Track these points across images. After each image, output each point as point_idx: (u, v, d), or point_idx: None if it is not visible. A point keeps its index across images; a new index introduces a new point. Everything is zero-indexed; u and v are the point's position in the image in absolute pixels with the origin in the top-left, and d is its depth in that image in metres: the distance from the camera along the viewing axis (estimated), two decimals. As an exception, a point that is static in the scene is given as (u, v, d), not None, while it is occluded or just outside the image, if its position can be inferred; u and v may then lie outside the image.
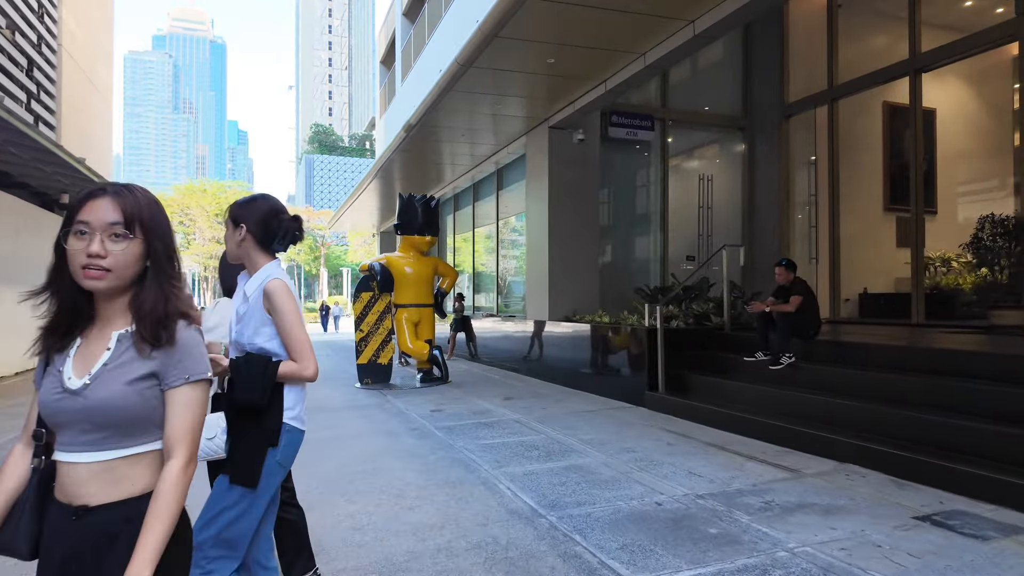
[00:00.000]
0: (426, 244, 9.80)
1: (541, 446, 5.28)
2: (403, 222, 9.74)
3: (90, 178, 12.27)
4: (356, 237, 57.43)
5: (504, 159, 12.23)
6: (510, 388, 8.86)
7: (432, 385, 9.41)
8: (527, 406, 7.28)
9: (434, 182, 15.70)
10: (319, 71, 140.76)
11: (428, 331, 9.87)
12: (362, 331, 9.55)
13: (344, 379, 10.44)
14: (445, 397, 8.20)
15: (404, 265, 9.71)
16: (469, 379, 10.07)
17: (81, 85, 17.63)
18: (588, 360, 8.37)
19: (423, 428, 6.19)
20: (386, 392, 8.83)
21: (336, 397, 8.50)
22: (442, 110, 9.32)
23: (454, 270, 10.26)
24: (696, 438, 5.48)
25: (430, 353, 9.60)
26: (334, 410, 7.43)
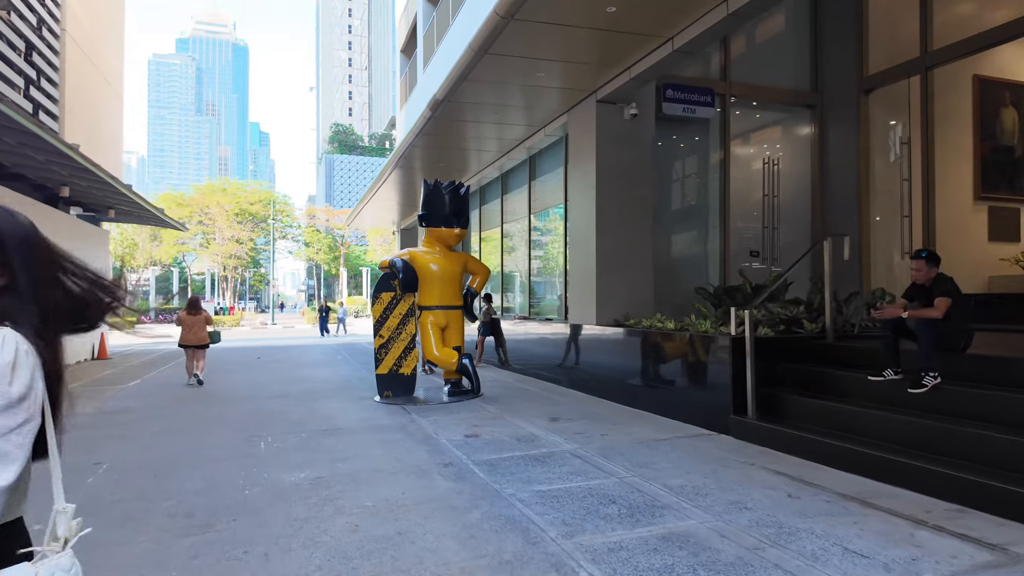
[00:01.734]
0: (454, 237, 8.55)
1: (618, 496, 3.98)
2: (428, 212, 8.50)
3: (88, 169, 11.22)
4: (375, 236, 56.54)
5: (538, 144, 10.94)
6: (553, 405, 7.57)
7: (461, 399, 8.16)
8: (581, 431, 5.98)
9: (458, 173, 14.46)
10: (339, 71, 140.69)
11: (456, 337, 8.63)
12: (382, 336, 8.33)
13: (361, 390, 9.23)
14: (479, 416, 6.94)
15: (430, 261, 8.47)
16: (503, 392, 8.80)
17: (88, 75, 16.70)
18: (649, 374, 7.05)
19: (458, 462, 4.92)
20: (409, 408, 7.60)
21: (351, 414, 7.28)
22: (473, 82, 8.05)
23: (486, 267, 9.01)
24: (822, 485, 4.14)
25: (459, 362, 8.35)
26: (348, 432, 6.20)
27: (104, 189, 13.49)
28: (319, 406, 7.94)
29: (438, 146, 11.48)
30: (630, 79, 7.69)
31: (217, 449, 5.63)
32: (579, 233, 8.77)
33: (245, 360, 14.99)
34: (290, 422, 6.88)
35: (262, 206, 51.33)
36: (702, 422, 5.99)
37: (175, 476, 4.75)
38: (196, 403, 8.44)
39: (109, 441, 6.07)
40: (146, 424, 6.95)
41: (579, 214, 8.77)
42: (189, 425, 6.89)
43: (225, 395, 9.15)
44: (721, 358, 5.88)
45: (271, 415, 7.35)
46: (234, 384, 10.42)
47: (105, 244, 17.79)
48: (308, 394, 9.06)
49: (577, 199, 8.85)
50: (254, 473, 4.78)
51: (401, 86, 21.54)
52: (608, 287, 8.23)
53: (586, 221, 8.53)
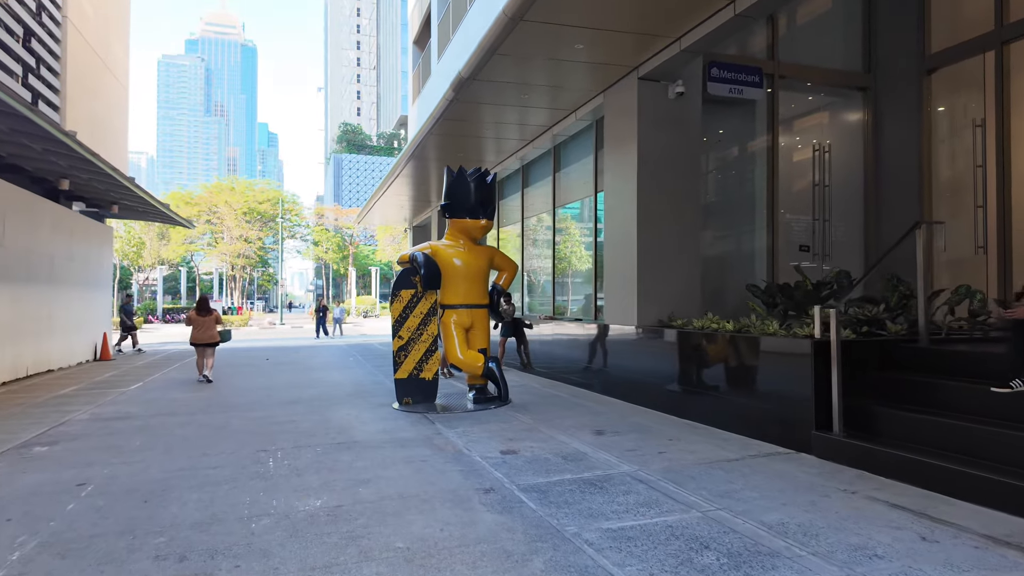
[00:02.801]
0: (480, 229, 7.82)
1: (710, 539, 3.22)
2: (452, 201, 7.77)
3: (87, 159, 10.57)
4: (384, 235, 55.97)
5: (567, 130, 10.18)
6: (593, 415, 6.82)
7: (488, 407, 7.42)
8: (634, 447, 5.23)
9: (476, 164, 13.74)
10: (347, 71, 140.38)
11: (482, 338, 7.89)
12: (401, 338, 7.61)
13: (379, 396, 8.51)
14: (512, 427, 6.20)
15: (453, 256, 7.74)
16: (532, 398, 8.06)
17: (92, 65, 16.08)
18: (704, 381, 6.29)
19: (500, 487, 4.18)
20: (432, 417, 6.87)
21: (369, 423, 6.56)
22: (504, 56, 7.28)
23: (514, 262, 8.27)
24: (958, 524, 3.37)
25: (485, 366, 7.62)
26: (367, 446, 5.47)
27: (106, 182, 12.85)
28: (333, 414, 7.22)
29: (458, 133, 10.75)
30: (678, 52, 6.93)
31: (221, 467, 4.91)
32: (617, 226, 8.01)
33: (253, 361, 14.32)
34: (302, 433, 6.16)
35: (270, 205, 50.86)
36: (775, 438, 5.23)
37: (170, 502, 4.04)
38: (200, 410, 7.75)
39: (100, 455, 5.37)
40: (144, 434, 6.25)
41: (616, 205, 8.01)
42: (191, 436, 6.19)
43: (232, 400, 8.45)
44: (797, 365, 5.11)
45: (281, 425, 6.63)
46: (241, 388, 9.73)
47: (109, 241, 17.18)
48: (320, 400, 8.35)
49: (614, 189, 8.10)
50: (262, 499, 4.06)
51: (413, 79, 20.90)
52: (650, 285, 7.47)
53: (625, 213, 7.78)
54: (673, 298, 7.51)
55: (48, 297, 12.53)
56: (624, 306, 7.78)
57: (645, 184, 7.47)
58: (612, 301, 8.13)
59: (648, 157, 7.48)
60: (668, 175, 7.56)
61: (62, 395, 9.16)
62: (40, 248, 12.13)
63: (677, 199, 7.60)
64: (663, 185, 7.53)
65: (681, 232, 7.61)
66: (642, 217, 7.46)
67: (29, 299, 11.61)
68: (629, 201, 7.62)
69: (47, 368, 12.41)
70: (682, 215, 7.63)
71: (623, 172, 7.81)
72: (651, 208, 7.50)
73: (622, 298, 7.85)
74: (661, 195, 7.52)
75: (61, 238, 13.28)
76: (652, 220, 7.50)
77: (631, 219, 7.59)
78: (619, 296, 7.93)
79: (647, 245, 7.47)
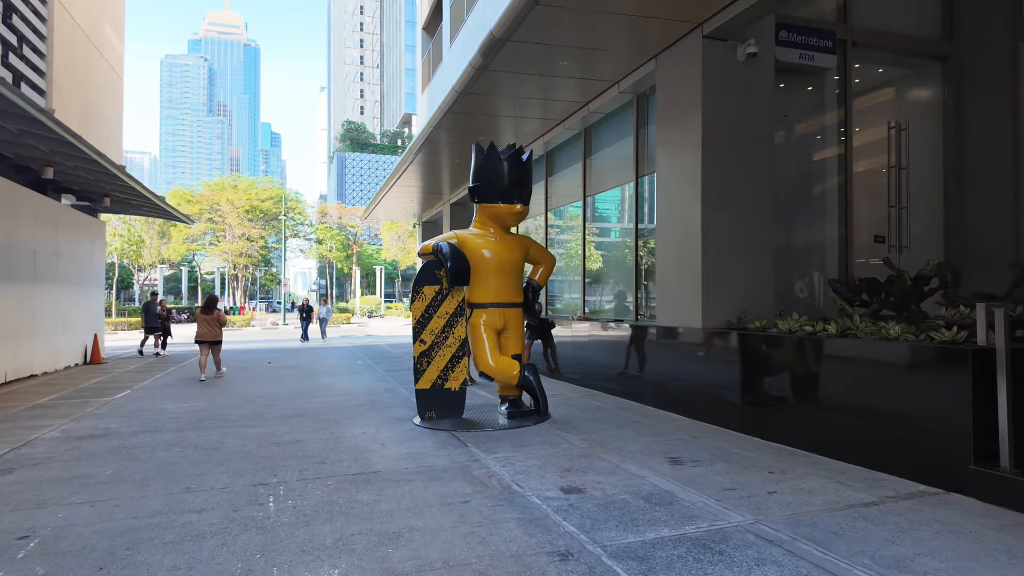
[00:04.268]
0: (515, 216, 6.73)
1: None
2: (482, 183, 6.68)
3: (68, 141, 9.51)
4: (389, 233, 54.92)
5: (604, 107, 9.08)
6: (655, 433, 5.73)
7: (526, 423, 6.33)
8: (733, 484, 4.14)
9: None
10: (351, 69, 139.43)
11: (516, 342, 6.81)
12: (423, 342, 6.53)
13: (396, 407, 7.43)
14: (564, 452, 5.11)
15: (482, 246, 6.66)
16: (574, 412, 6.97)
17: (82, 48, 15.03)
18: (801, 397, 5.19)
19: (581, 552, 3.09)
20: (463, 436, 5.78)
21: (389, 445, 5.47)
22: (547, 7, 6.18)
23: (551, 255, 7.18)
24: None
25: (521, 375, 6.53)
26: (390, 479, 4.40)
27: (94, 171, 11.79)
28: (345, 432, 6.14)
29: (478, 111, 9.63)
30: (748, 6, 5.84)
31: (207, 510, 3.84)
32: (674, 212, 6.90)
33: (254, 364, 13.25)
34: (309, 458, 5.09)
35: (273, 203, 49.82)
36: (910, 472, 4.13)
37: (135, 569, 2.97)
38: (191, 424, 6.68)
39: (60, 490, 4.30)
40: (119, 459, 5.18)
41: (674, 187, 6.91)
42: (175, 461, 5.12)
43: (228, 413, 7.38)
44: (942, 379, 4.02)
45: (284, 447, 5.56)
46: (240, 396, 8.67)
47: (100, 236, 16.11)
48: (329, 413, 7.28)
49: (671, 169, 6.99)
50: (257, 566, 2.99)
51: (423, 67, 19.85)
52: (718, 280, 6.37)
53: (686, 196, 6.68)
54: (743, 295, 6.41)
55: (31, 296, 11.48)
56: (684, 305, 6.68)
57: (712, 161, 6.37)
58: (667, 299, 7.04)
59: (715, 130, 6.38)
60: (738, 151, 6.46)
61: (38, 405, 8.11)
62: (21, 242, 11.08)
63: (747, 179, 6.50)
64: (732, 162, 6.43)
65: (752, 217, 6.52)
66: (708, 200, 6.36)
67: (8, 298, 10.56)
68: (691, 182, 6.52)
69: (29, 373, 11.36)
70: (752, 197, 6.53)
71: (683, 149, 6.71)
72: (719, 189, 6.40)
73: (681, 295, 6.75)
74: (730, 174, 6.42)
75: (46, 232, 12.23)
76: (721, 203, 6.40)
77: (694, 203, 6.49)
78: (677, 293, 6.84)
79: (714, 233, 6.37)
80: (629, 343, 7.90)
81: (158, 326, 16.46)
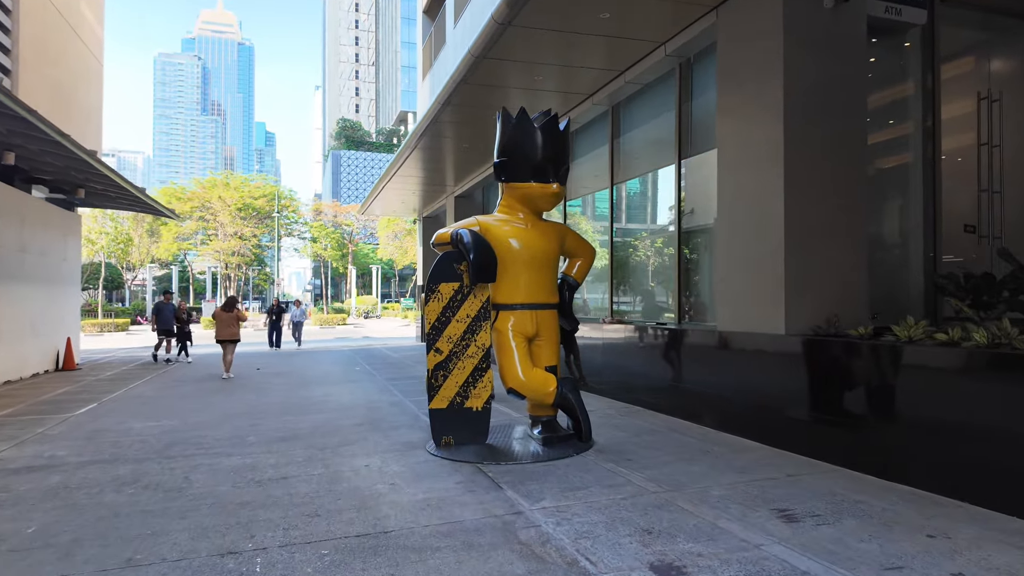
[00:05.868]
0: (551, 197, 5.54)
1: None
2: (511, 158, 5.49)
3: (27, 120, 8.27)
4: (386, 231, 53.62)
5: (642, 76, 7.89)
6: (736, 470, 4.55)
7: (566, 452, 5.14)
8: (896, 558, 2.96)
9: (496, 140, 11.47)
10: (346, 67, 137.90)
11: (551, 351, 5.61)
12: (439, 352, 5.33)
13: (403, 426, 6.22)
14: (630, 499, 3.92)
15: (510, 235, 5.47)
16: (618, 434, 5.79)
17: (56, 28, 13.75)
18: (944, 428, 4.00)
19: None
20: (493, 471, 4.59)
21: (401, 486, 4.27)
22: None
23: (591, 246, 5.99)
24: None
25: (558, 392, 5.34)
26: (407, 546, 3.20)
27: (62, 156, 10.53)
28: (344, 464, 4.94)
29: (495, 81, 8.41)
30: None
31: (144, 605, 2.64)
32: (744, 193, 5.70)
33: (242, 370, 12.01)
34: (298, 507, 3.89)
35: (266, 201, 48.41)
36: None
37: None
38: (156, 452, 5.47)
39: (-53, 565, 3.10)
40: (52, 506, 3.97)
41: (744, 162, 5.70)
42: (124, 511, 3.92)
43: (203, 434, 6.17)
44: None
45: (265, 487, 4.35)
46: (219, 412, 7.45)
47: (75, 231, 14.84)
48: (323, 434, 6.08)
49: (738, 141, 5.79)
50: None
51: (424, 52, 18.68)
52: (803, 276, 5.18)
53: (760, 172, 5.49)
54: (833, 294, 5.23)
55: (-13, 296, 10.25)
56: (756, 306, 5.50)
57: (796, 131, 5.18)
58: (731, 300, 5.84)
59: (800, 92, 5.20)
60: (824, 118, 5.28)
61: (-21, 425, 6.88)
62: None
63: (836, 152, 5.32)
64: (820, 132, 5.25)
65: (841, 200, 5.33)
66: (792, 178, 5.17)
67: (-42, 298, 9.33)
68: (769, 156, 5.33)
69: (-13, 383, 10.13)
70: (842, 176, 5.35)
71: (756, 117, 5.51)
72: (805, 164, 5.21)
73: (751, 295, 5.57)
74: (818, 146, 5.24)
75: (8, 225, 10.97)
76: (805, 183, 5.21)
77: (772, 181, 5.29)
78: (744, 292, 5.65)
79: (799, 218, 5.18)
80: (677, 351, 6.72)
81: (171, 329, 14.68)
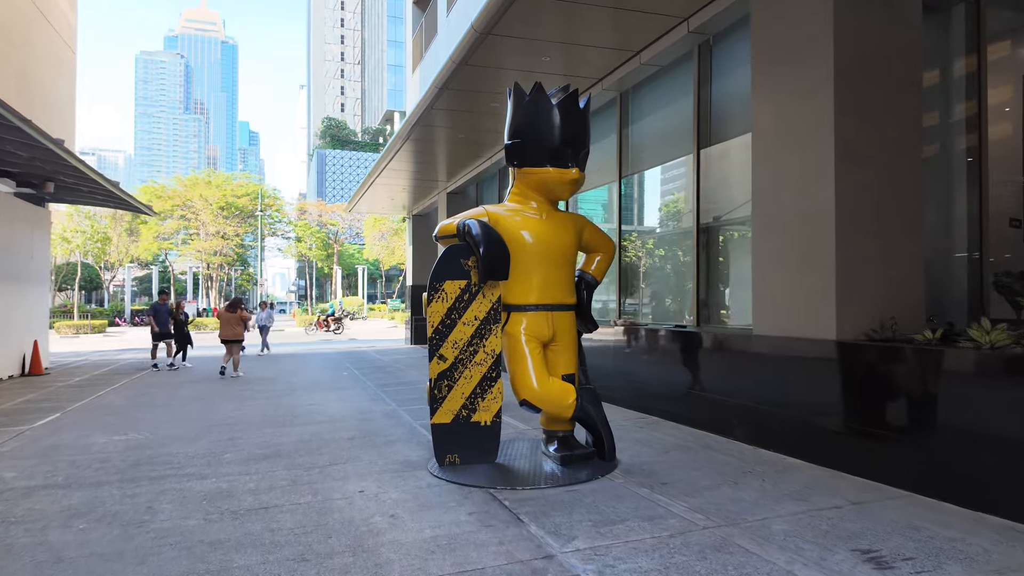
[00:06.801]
0: (569, 184, 4.90)
1: None
2: (524, 139, 4.86)
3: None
4: (372, 231, 52.73)
5: (659, 57, 7.30)
6: (786, 491, 3.95)
7: (593, 475, 4.52)
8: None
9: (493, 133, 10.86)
10: (331, 66, 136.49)
11: (569, 358, 4.98)
12: (443, 359, 4.69)
13: (400, 440, 5.55)
14: (678, 536, 3.30)
15: (522, 227, 4.83)
16: (642, 451, 5.18)
17: (20, 10, 12.90)
18: None
19: None
20: (508, 497, 3.95)
21: (402, 516, 3.62)
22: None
23: (611, 240, 5.37)
24: None
25: (577, 404, 4.71)
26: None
27: (24, 145, 9.73)
28: (335, 489, 4.27)
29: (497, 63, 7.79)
30: None
31: None
32: (786, 178, 5.10)
33: (222, 377, 11.24)
34: (281, 547, 3.22)
35: (249, 200, 47.32)
36: None
37: None
38: (117, 474, 4.76)
39: None
40: (-26, 553, 3.27)
41: (786, 143, 5.10)
42: (68, 554, 3.24)
43: (173, 452, 5.46)
44: None
45: (242, 520, 3.68)
46: (195, 423, 6.74)
47: (43, 227, 13.99)
48: (310, 451, 5.40)
49: (778, 121, 5.18)
50: None
51: (414, 43, 18.07)
52: (856, 273, 4.60)
53: (806, 153, 4.88)
54: (888, 293, 4.66)
55: (-59, 296, 9.43)
56: (800, 307, 4.91)
57: (847, 109, 4.60)
58: (768, 300, 5.24)
59: (852, 62, 4.61)
60: (880, 95, 4.70)
61: (-80, 441, 6.11)
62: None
63: (891, 133, 4.74)
64: (874, 108, 4.67)
65: (898, 184, 4.76)
66: (844, 159, 4.58)
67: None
68: (817, 135, 4.73)
69: (-60, 391, 9.31)
70: (898, 158, 4.78)
71: (802, 91, 4.91)
72: (858, 145, 4.63)
73: (792, 295, 4.98)
74: (873, 124, 4.66)
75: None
76: (858, 166, 4.63)
77: (821, 163, 4.69)
78: (784, 291, 5.06)
79: (852, 206, 4.59)
80: (702, 357, 6.12)
81: (170, 332, 13.40)
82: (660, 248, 8.13)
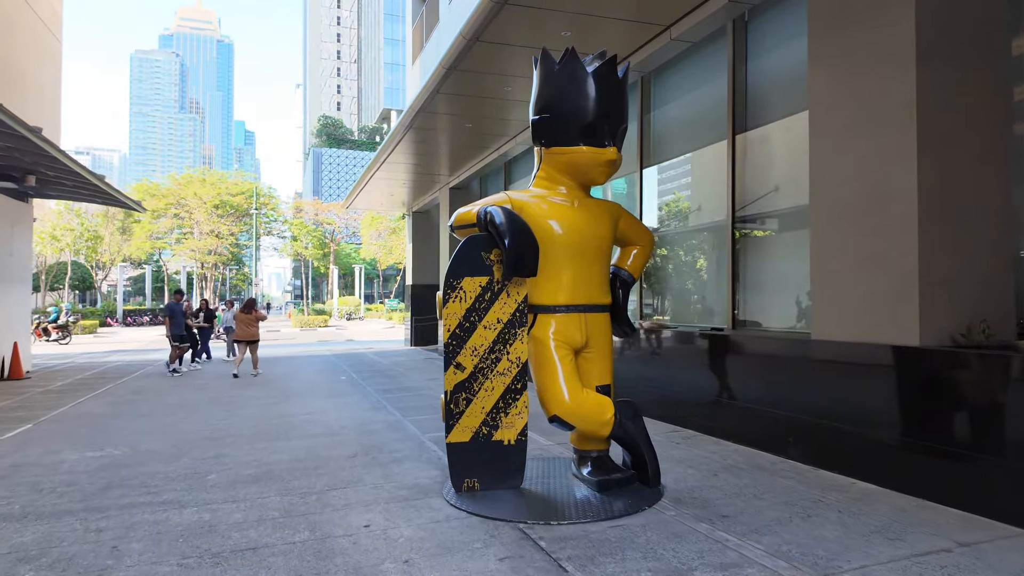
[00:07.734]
0: (606, 167, 4.23)
1: None
2: (553, 114, 4.21)
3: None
4: (369, 230, 51.99)
5: (687, 34, 6.67)
6: (874, 527, 3.31)
7: (632, 504, 3.87)
8: None
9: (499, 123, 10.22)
10: (327, 64, 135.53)
11: (603, 366, 4.32)
12: (460, 368, 4.04)
13: (408, 461, 4.89)
14: (763, 591, 2.67)
15: (550, 215, 4.17)
16: (688, 473, 4.54)
17: (0, -7, 12.21)
18: None
19: None
20: (542, 536, 3.31)
21: (416, 561, 2.96)
22: None
23: (649, 232, 4.72)
24: None
25: (615, 420, 4.06)
26: None
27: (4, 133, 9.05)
28: (335, 526, 3.61)
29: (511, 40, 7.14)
30: None
31: None
32: (855, 164, 4.44)
33: (211, 380, 10.56)
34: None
35: (244, 198, 46.50)
36: None
37: None
38: (83, 499, 4.10)
39: None
40: None
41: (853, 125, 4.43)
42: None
43: (150, 472, 4.79)
44: None
45: (224, 565, 3.02)
46: (177, 436, 6.06)
47: (24, 223, 13.27)
48: (306, 472, 4.74)
49: (843, 98, 4.53)
50: None
51: (414, 34, 17.37)
52: (942, 270, 3.96)
53: (879, 134, 4.24)
54: (974, 294, 4.02)
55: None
56: (874, 309, 4.26)
57: (931, 82, 3.95)
58: (834, 301, 4.59)
59: (935, 31, 3.97)
60: (966, 66, 4.07)
61: None
62: None
63: (979, 110, 4.11)
64: (959, 83, 4.03)
65: (988, 169, 4.13)
66: (926, 144, 3.94)
67: None
68: (893, 116, 4.08)
69: (-95, 398, 8.61)
70: (988, 139, 4.14)
71: (873, 63, 4.27)
72: (942, 128, 3.99)
73: (867, 296, 4.33)
74: (961, 101, 4.02)
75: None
76: (944, 149, 3.99)
77: (901, 148, 4.04)
78: (857, 292, 4.40)
79: (939, 195, 3.95)
80: (746, 364, 5.48)
81: (184, 335, 12.27)
82: (688, 243, 7.49)
